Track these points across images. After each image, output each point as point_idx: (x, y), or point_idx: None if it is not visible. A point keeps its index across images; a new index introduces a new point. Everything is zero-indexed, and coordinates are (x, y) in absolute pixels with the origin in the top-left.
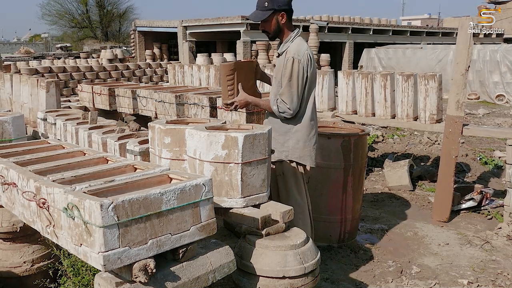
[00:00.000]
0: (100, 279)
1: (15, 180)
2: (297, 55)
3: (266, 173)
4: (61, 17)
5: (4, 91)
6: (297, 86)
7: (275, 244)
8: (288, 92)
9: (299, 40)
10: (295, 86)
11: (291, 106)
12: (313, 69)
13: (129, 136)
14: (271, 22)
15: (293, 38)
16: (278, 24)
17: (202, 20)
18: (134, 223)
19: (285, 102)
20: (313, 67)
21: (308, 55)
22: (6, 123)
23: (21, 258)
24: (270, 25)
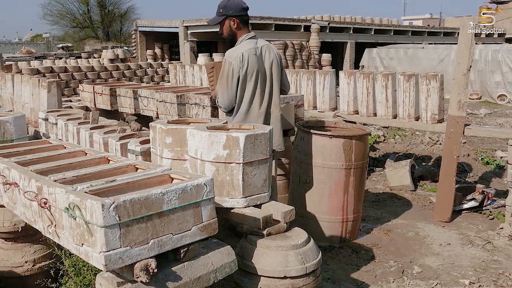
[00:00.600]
0: (101, 279)
1: (17, 180)
2: (229, 57)
3: (268, 173)
4: (62, 17)
5: (5, 91)
6: (226, 84)
7: (276, 244)
8: (220, 90)
9: (245, 43)
10: (225, 85)
11: (222, 102)
12: (246, 70)
13: (130, 136)
14: (224, 26)
15: (240, 41)
16: (231, 28)
17: (203, 20)
18: (135, 223)
19: (219, 98)
20: (247, 68)
21: (241, 57)
22: (7, 123)
23: (22, 258)
24: (223, 29)
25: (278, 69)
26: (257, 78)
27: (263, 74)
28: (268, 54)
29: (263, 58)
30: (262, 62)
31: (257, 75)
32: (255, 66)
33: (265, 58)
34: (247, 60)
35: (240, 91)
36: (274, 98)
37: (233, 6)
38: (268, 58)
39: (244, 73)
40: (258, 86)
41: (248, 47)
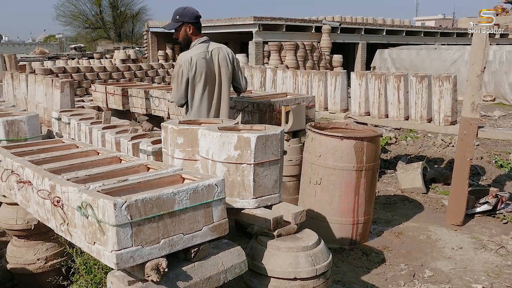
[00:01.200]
0: (112, 277)
1: (30, 178)
2: (180, 60)
3: (279, 174)
4: (75, 18)
5: (19, 91)
6: (177, 84)
7: (286, 245)
8: (173, 88)
9: (197, 47)
10: (175, 84)
11: (174, 98)
12: (195, 72)
13: (142, 136)
14: (180, 32)
15: (193, 46)
16: (187, 33)
17: (214, 20)
18: (146, 222)
19: (172, 95)
20: (195, 70)
21: (189, 61)
22: (21, 122)
23: (35, 255)
24: (179, 34)
25: (227, 69)
26: (206, 78)
27: (212, 75)
28: (217, 56)
29: (213, 60)
30: (212, 64)
31: (206, 76)
32: (203, 68)
33: (214, 60)
34: (195, 63)
35: (191, 90)
36: (223, 95)
37: (189, 14)
38: (217, 59)
39: (193, 75)
40: (208, 85)
41: (198, 51)
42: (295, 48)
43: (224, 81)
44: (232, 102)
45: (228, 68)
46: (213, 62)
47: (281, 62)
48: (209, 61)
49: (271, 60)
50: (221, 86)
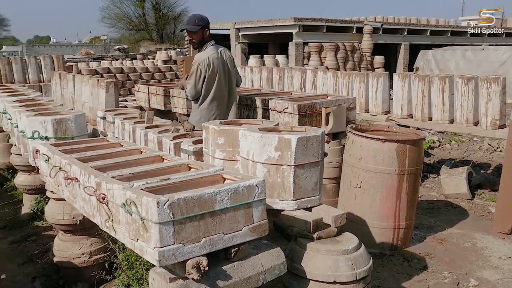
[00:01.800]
0: (154, 274)
1: (77, 175)
2: (199, 60)
3: (319, 176)
4: (119, 20)
5: (67, 91)
6: (194, 81)
7: (326, 248)
8: (189, 84)
9: (210, 49)
10: (193, 81)
11: (189, 92)
12: (211, 70)
13: (183, 135)
14: (197, 35)
15: (206, 47)
16: (203, 37)
17: (254, 22)
18: (188, 221)
19: (187, 88)
20: (212, 69)
21: (208, 60)
22: (69, 121)
23: (80, 250)
24: (197, 37)
25: (232, 67)
26: (219, 75)
27: (223, 72)
28: (225, 56)
29: (223, 59)
30: (223, 62)
31: (219, 73)
32: (217, 67)
33: (225, 59)
34: (212, 62)
35: (207, 85)
36: (232, 88)
37: (207, 20)
38: (226, 59)
39: (210, 73)
40: (221, 80)
41: (212, 52)
42: (336, 49)
43: (232, 76)
44: (273, 102)
45: (233, 66)
46: (224, 60)
47: (321, 63)
48: (220, 60)
49: (311, 61)
50: (230, 80)
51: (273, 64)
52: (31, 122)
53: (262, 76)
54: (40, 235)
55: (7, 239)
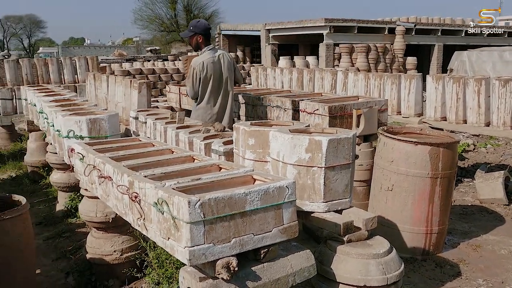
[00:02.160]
0: (184, 272)
1: (111, 174)
2: (194, 64)
3: (350, 179)
4: (151, 22)
5: (100, 91)
6: (192, 83)
7: (356, 251)
8: (188, 85)
9: (206, 53)
10: (191, 83)
11: (189, 93)
12: (206, 73)
13: (214, 136)
14: (192, 40)
15: (203, 52)
16: (197, 42)
17: (285, 23)
18: (219, 221)
19: (187, 89)
20: (206, 72)
21: (202, 64)
22: (103, 120)
23: (111, 247)
24: (192, 42)
25: (230, 70)
26: (214, 78)
27: (219, 74)
28: (223, 60)
29: (221, 63)
30: (219, 66)
31: (214, 76)
32: (212, 70)
33: (222, 63)
34: (206, 66)
35: (203, 87)
36: (229, 88)
37: (201, 27)
38: (223, 62)
39: (204, 76)
40: (216, 82)
41: (207, 57)
42: (367, 50)
43: (230, 78)
44: (303, 104)
45: (231, 69)
46: (220, 65)
47: (352, 64)
48: (216, 64)
49: (341, 62)
50: (227, 82)
51: (303, 65)
52: (67, 121)
53: (292, 77)
54: (73, 231)
55: (42, 235)
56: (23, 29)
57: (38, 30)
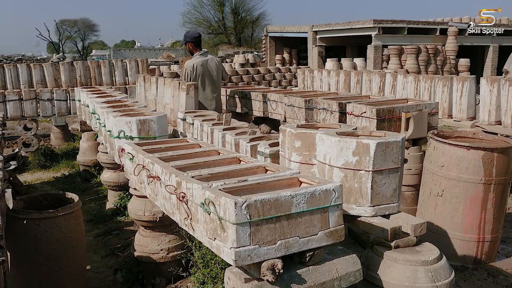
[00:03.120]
0: (230, 273)
1: (159, 174)
2: (186, 65)
3: (398, 183)
4: (199, 25)
5: (150, 92)
6: (182, 80)
7: (404, 257)
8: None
9: (196, 57)
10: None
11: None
12: (195, 74)
13: (260, 138)
14: (187, 47)
15: (194, 56)
16: (189, 48)
17: (332, 24)
18: (264, 222)
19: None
20: (196, 72)
21: (192, 66)
22: (152, 121)
23: (158, 246)
24: (187, 48)
25: (218, 72)
26: (203, 78)
27: (208, 75)
28: (212, 62)
29: (208, 66)
30: (207, 67)
31: (203, 76)
32: (201, 71)
33: (209, 66)
34: (196, 68)
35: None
36: (218, 87)
37: (190, 35)
38: (211, 64)
39: (195, 75)
40: (206, 82)
41: (198, 60)
42: (417, 52)
43: (218, 78)
44: (350, 106)
45: (218, 71)
46: (208, 68)
47: (401, 66)
48: (205, 67)
49: (390, 64)
50: (216, 81)
51: (350, 67)
52: (118, 122)
53: (339, 79)
54: (122, 229)
55: (93, 232)
56: (78, 32)
57: (92, 33)
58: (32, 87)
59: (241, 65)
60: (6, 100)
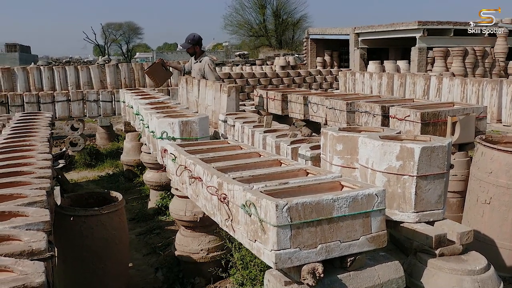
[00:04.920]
0: (270, 275)
1: (201, 175)
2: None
3: (444, 189)
4: (241, 27)
5: (192, 94)
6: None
7: (450, 266)
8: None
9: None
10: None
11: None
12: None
13: (301, 141)
14: (191, 50)
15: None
16: (195, 51)
17: (375, 26)
18: (305, 226)
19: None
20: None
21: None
22: (194, 123)
23: (198, 246)
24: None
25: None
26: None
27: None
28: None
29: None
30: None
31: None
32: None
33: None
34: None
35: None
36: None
37: (197, 39)
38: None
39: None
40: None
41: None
42: (464, 54)
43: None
44: (393, 109)
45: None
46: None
47: (447, 69)
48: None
49: (435, 67)
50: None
51: (393, 70)
52: (161, 123)
53: (381, 82)
54: (163, 228)
55: (135, 230)
56: (122, 35)
57: (136, 36)
58: (79, 88)
59: (282, 67)
60: (55, 101)
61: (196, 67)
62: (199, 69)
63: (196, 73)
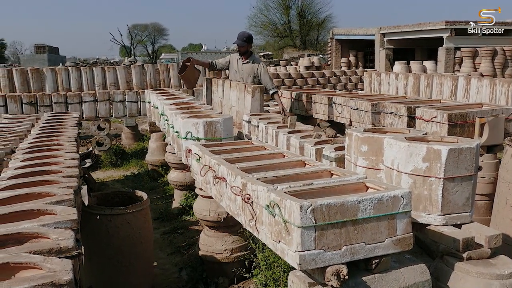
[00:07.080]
0: (294, 276)
1: (225, 175)
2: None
3: (471, 191)
4: (265, 28)
5: (216, 95)
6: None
7: (478, 270)
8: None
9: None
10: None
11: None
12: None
13: (325, 142)
14: (245, 48)
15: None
16: (248, 49)
17: (401, 26)
18: (330, 227)
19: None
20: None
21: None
22: (218, 123)
23: (222, 246)
24: (244, 49)
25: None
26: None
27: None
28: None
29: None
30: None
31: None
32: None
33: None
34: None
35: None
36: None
37: (252, 38)
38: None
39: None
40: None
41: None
42: (493, 54)
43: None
44: (420, 110)
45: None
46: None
47: (475, 69)
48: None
49: (462, 67)
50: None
51: (420, 70)
52: (185, 123)
53: (407, 83)
54: (187, 228)
55: (159, 229)
56: (148, 36)
57: (161, 37)
58: (105, 89)
59: (306, 68)
60: (82, 101)
61: (247, 68)
62: (252, 70)
63: (246, 74)
